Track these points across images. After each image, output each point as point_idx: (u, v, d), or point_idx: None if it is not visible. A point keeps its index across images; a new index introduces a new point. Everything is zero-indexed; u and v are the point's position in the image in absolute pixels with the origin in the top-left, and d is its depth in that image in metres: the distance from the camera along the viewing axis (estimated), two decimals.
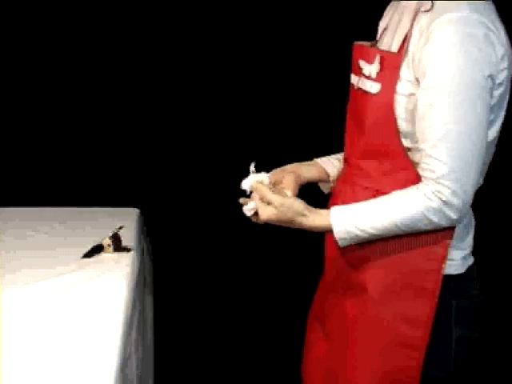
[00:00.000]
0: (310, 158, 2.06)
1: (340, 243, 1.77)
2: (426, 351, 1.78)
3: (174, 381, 3.20)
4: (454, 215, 1.69)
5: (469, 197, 1.69)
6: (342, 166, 1.99)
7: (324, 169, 2.04)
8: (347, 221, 1.74)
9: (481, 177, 1.80)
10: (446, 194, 1.67)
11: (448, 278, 1.78)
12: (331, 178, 2.03)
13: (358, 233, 1.74)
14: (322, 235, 1.94)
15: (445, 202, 1.67)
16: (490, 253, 3.03)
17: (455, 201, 1.67)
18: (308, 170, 2.01)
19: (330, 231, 1.76)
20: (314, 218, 1.76)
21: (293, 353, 2.22)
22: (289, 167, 1.99)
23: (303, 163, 2.03)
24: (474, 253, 1.87)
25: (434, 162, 1.67)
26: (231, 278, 3.47)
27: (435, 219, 1.70)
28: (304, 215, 1.76)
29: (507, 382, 3.21)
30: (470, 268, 1.84)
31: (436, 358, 1.80)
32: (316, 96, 3.30)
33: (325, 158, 2.06)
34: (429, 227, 1.72)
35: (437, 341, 1.79)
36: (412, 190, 1.71)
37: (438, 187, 1.67)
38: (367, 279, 1.81)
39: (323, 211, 1.78)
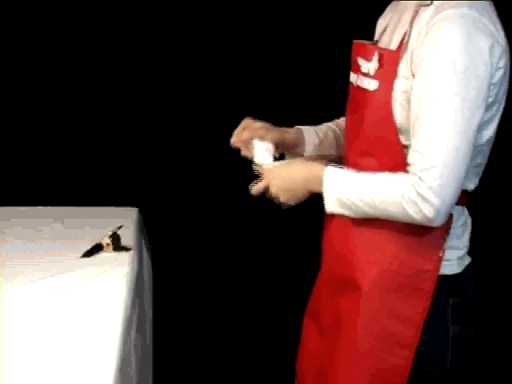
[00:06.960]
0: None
1: (327, 205, 1.78)
2: (423, 349, 1.78)
3: (173, 380, 3.20)
4: (429, 213, 1.66)
5: (449, 197, 1.66)
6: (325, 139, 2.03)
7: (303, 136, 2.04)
8: (336, 181, 1.76)
9: (476, 177, 1.80)
10: (423, 188, 1.64)
11: (444, 278, 1.78)
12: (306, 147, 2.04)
13: (341, 197, 1.75)
14: (320, 233, 1.95)
15: (421, 196, 1.65)
16: (487, 252, 3.04)
17: (432, 197, 1.64)
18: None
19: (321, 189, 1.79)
20: (311, 169, 1.81)
21: (290, 351, 2.23)
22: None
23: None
24: (471, 252, 1.87)
25: (416, 155, 1.67)
26: (230, 277, 3.47)
27: (409, 210, 1.67)
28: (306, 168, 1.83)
29: (504, 379, 3.22)
30: (466, 268, 1.84)
31: (433, 355, 1.81)
32: (316, 95, 3.30)
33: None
34: (402, 216, 1.70)
35: (434, 339, 1.79)
36: (399, 175, 1.70)
37: (416, 180, 1.66)
38: (362, 277, 1.81)
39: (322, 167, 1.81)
